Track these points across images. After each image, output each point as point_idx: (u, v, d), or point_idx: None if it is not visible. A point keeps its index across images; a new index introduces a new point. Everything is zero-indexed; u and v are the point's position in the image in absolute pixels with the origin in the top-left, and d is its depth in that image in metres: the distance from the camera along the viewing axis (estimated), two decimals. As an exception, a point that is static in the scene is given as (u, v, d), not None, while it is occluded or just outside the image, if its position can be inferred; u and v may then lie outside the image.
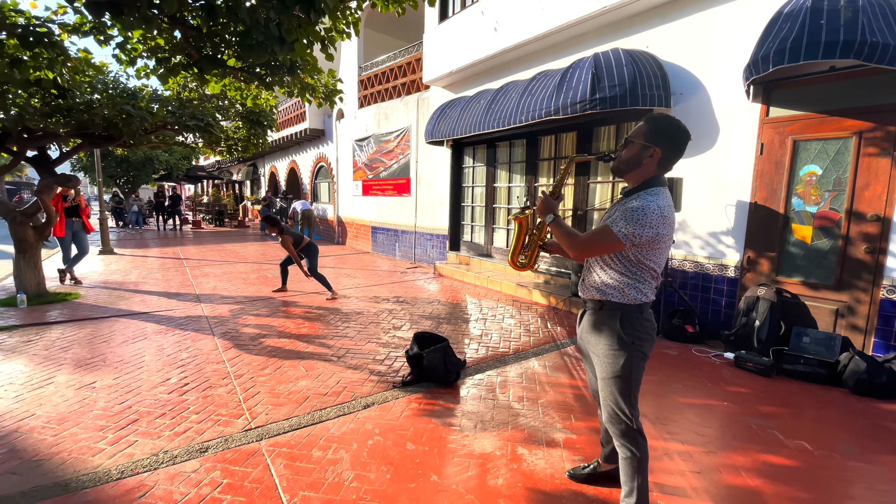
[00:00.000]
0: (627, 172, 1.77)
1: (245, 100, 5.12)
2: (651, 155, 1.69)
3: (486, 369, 3.72)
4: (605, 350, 1.79)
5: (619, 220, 1.65)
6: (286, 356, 3.94)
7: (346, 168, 11.96)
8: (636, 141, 1.72)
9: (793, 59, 3.12)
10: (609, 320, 1.77)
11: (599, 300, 1.81)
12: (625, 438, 1.83)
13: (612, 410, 1.83)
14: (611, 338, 1.77)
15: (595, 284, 1.82)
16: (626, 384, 1.77)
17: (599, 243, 1.72)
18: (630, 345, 1.75)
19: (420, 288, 6.92)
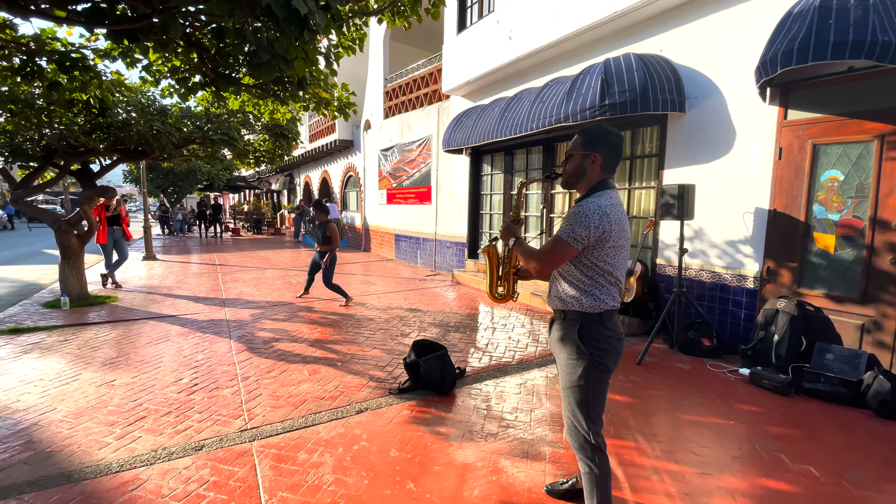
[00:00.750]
0: (576, 183, 1.83)
1: (263, 115, 5.38)
2: (593, 161, 1.75)
3: (486, 379, 3.70)
4: (565, 359, 1.79)
5: (565, 226, 1.69)
6: (293, 360, 4.07)
7: (373, 177, 12.23)
8: (576, 153, 1.79)
9: (801, 60, 2.96)
10: (569, 329, 1.77)
11: (562, 310, 1.81)
12: (582, 452, 1.81)
13: (569, 422, 1.83)
14: (570, 347, 1.77)
15: (557, 294, 1.84)
16: (583, 395, 1.75)
17: (554, 253, 1.72)
18: (588, 355, 1.73)
19: (435, 295, 6.96)
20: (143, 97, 5.70)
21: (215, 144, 5.71)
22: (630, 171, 5.40)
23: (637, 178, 5.35)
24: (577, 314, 1.75)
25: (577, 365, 1.74)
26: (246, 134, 6.57)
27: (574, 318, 1.76)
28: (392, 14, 4.19)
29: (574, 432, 1.81)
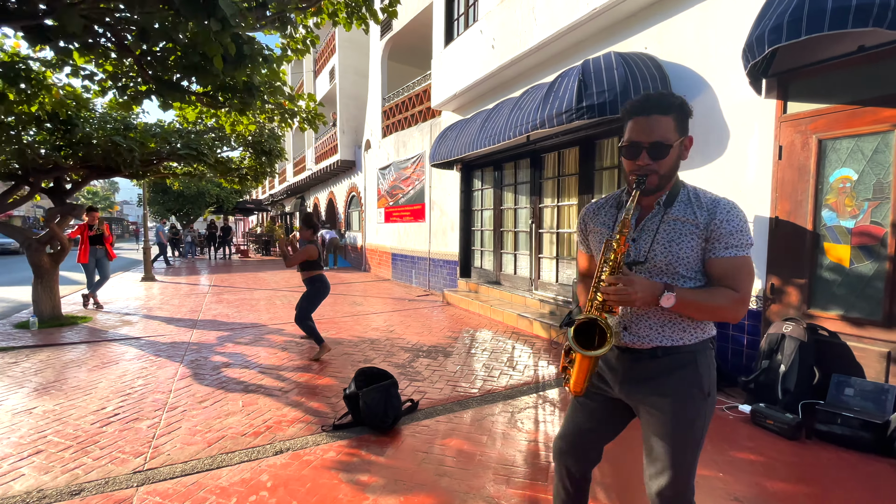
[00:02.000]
0: (668, 183, 1.33)
1: (224, 126, 5.21)
2: (686, 147, 1.32)
3: (440, 413, 3.23)
4: (677, 404, 1.31)
5: (744, 241, 1.26)
6: (234, 388, 3.69)
7: (373, 196, 12.04)
8: (674, 141, 1.27)
9: (792, 35, 2.50)
10: (685, 370, 1.32)
11: (665, 347, 1.33)
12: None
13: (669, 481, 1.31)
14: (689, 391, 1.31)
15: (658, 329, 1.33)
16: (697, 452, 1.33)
17: (751, 281, 1.29)
18: (708, 396, 1.32)
19: (420, 317, 6.52)
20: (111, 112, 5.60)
21: (183, 159, 5.55)
22: (619, 180, 4.93)
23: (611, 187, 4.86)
24: (688, 349, 1.33)
25: (694, 407, 1.31)
26: (224, 151, 6.44)
27: (689, 353, 1.33)
28: (349, 16, 3.95)
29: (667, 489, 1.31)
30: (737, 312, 1.26)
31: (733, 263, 1.26)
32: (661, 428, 1.32)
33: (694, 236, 1.28)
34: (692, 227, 1.28)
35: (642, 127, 1.26)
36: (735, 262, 1.25)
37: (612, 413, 1.48)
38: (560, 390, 3.64)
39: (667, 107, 1.25)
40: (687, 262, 1.29)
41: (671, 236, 1.30)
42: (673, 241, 1.29)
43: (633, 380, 1.38)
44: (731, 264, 1.26)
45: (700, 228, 1.27)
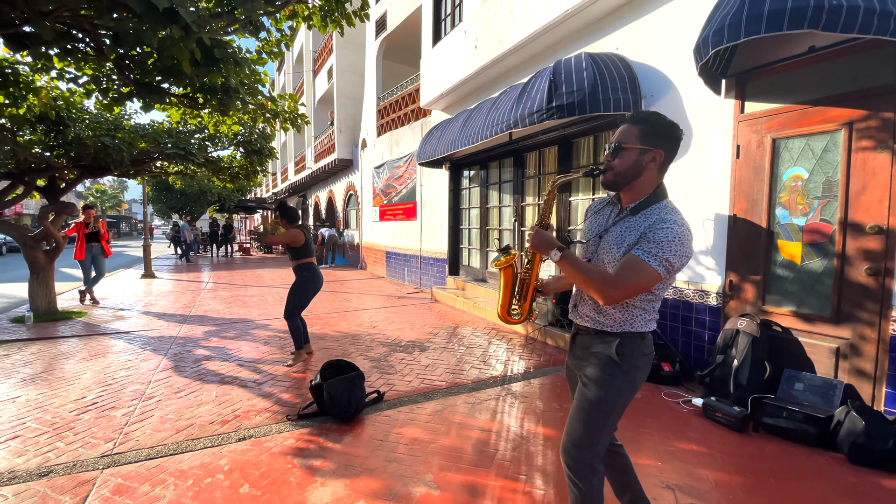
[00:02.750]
0: (626, 185, 1.48)
1: (208, 126, 5.35)
2: (653, 159, 1.45)
3: (404, 404, 3.33)
4: (597, 379, 1.50)
5: (653, 249, 1.36)
6: (211, 380, 3.83)
7: (368, 195, 12.18)
8: (631, 147, 1.44)
9: (732, 37, 2.57)
10: (609, 349, 1.50)
11: (597, 330, 1.53)
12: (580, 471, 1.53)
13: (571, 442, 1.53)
14: (606, 365, 1.50)
15: (594, 312, 1.54)
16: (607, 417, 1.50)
17: (636, 282, 1.37)
18: (624, 373, 1.48)
19: (406, 313, 6.63)
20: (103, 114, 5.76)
21: (171, 159, 5.71)
22: (594, 179, 4.98)
23: (599, 186, 4.92)
24: (621, 337, 1.49)
25: (609, 383, 1.48)
26: (215, 150, 6.59)
27: (619, 339, 1.49)
28: (323, 19, 4.06)
29: (569, 448, 1.53)
30: (601, 291, 1.39)
31: (630, 258, 1.38)
32: (580, 391, 1.54)
33: (630, 245, 1.42)
34: (634, 237, 1.42)
35: (617, 131, 1.50)
36: (632, 259, 1.38)
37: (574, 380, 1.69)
38: (525, 383, 3.73)
39: (637, 118, 1.47)
40: (612, 258, 1.46)
41: (616, 237, 1.47)
42: (614, 242, 1.47)
43: (575, 352, 1.63)
44: (628, 258, 1.39)
45: (638, 237, 1.41)
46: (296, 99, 5.04)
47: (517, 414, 3.14)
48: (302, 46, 18.63)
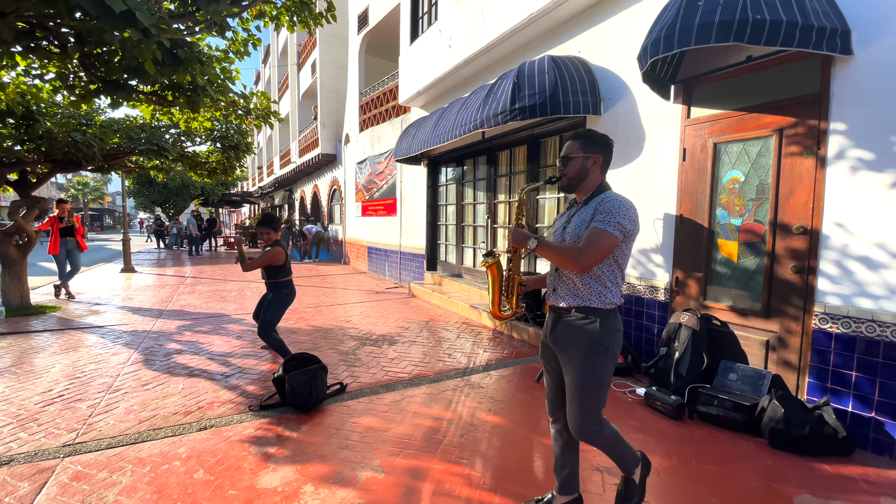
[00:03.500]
0: (578, 185, 1.87)
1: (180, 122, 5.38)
2: (594, 163, 1.84)
3: (365, 395, 3.47)
4: (581, 356, 1.76)
5: (605, 218, 1.70)
6: (179, 373, 3.92)
7: (351, 190, 12.23)
8: (576, 155, 1.85)
9: (667, 48, 2.72)
10: (586, 325, 1.76)
11: (574, 306, 1.80)
12: (598, 437, 1.83)
13: (577, 411, 1.79)
14: (587, 343, 1.75)
15: (571, 291, 1.81)
16: (600, 388, 1.77)
17: (600, 246, 1.67)
18: (606, 349, 1.75)
19: (382, 308, 6.76)
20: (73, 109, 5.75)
21: (145, 154, 5.73)
22: (561, 177, 5.14)
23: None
24: (594, 310, 1.76)
25: (594, 360, 1.74)
26: (192, 145, 6.61)
27: (593, 313, 1.76)
28: (291, 19, 4.13)
29: (578, 417, 1.79)
30: (574, 260, 1.69)
31: (591, 230, 1.71)
32: (571, 371, 1.79)
33: (586, 223, 1.76)
34: (589, 217, 1.76)
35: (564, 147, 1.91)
36: (592, 229, 1.70)
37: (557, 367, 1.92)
38: (485, 374, 3.89)
39: (577, 135, 1.89)
40: (576, 239, 1.78)
41: (576, 223, 1.81)
42: (575, 227, 1.81)
43: (555, 332, 1.87)
44: (590, 230, 1.71)
45: (591, 216, 1.75)
46: (267, 96, 5.11)
47: (470, 403, 3.30)
48: (287, 39, 18.49)
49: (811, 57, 2.76)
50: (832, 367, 2.70)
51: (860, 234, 2.57)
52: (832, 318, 2.70)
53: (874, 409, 2.53)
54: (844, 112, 2.63)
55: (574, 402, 1.78)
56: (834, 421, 2.54)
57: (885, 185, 2.47)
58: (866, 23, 2.52)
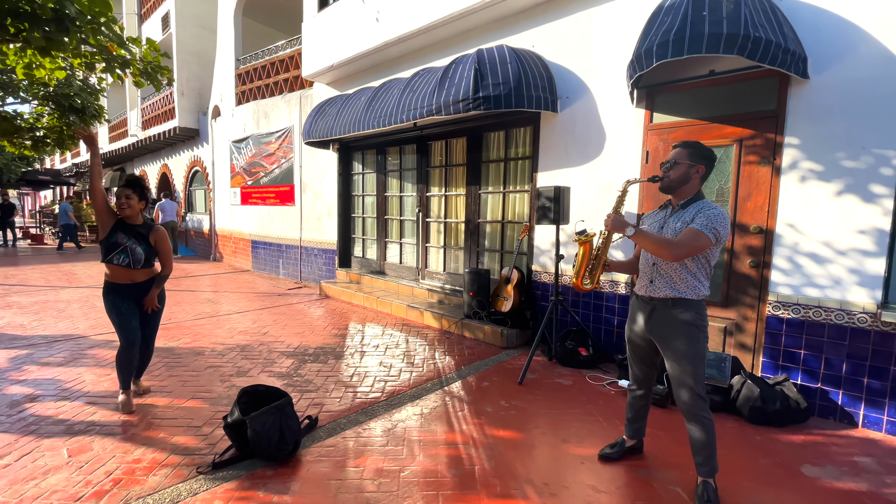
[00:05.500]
0: (678, 189, 2.14)
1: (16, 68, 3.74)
2: (697, 172, 2.10)
3: (346, 427, 2.88)
4: (685, 339, 2.07)
5: (706, 222, 1.98)
6: (52, 431, 2.72)
7: (224, 173, 10.41)
8: (682, 162, 2.10)
9: (676, 52, 2.81)
10: (685, 313, 2.08)
11: (674, 298, 2.10)
12: (699, 411, 2.10)
13: (691, 390, 2.08)
14: (689, 327, 2.07)
15: (668, 284, 2.12)
16: (701, 365, 2.08)
17: (696, 244, 1.97)
18: (701, 331, 2.09)
19: (297, 313, 5.86)
20: None
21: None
22: (504, 173, 5.09)
23: (511, 181, 5.06)
24: (690, 302, 2.08)
25: (697, 340, 2.07)
26: (11, 102, 4.65)
27: (689, 304, 2.08)
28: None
29: (692, 395, 2.09)
30: (668, 249, 1.97)
31: (691, 229, 2.00)
32: (675, 355, 2.10)
33: (687, 224, 2.04)
34: (689, 219, 2.06)
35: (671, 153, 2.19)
36: (692, 229, 1.99)
37: (646, 348, 2.31)
38: (463, 382, 3.61)
39: (685, 144, 2.14)
40: (676, 234, 2.07)
41: (674, 223, 2.11)
42: (672, 227, 2.11)
43: (655, 320, 2.18)
44: (690, 229, 2.00)
45: (691, 218, 2.05)
46: (156, 46, 3.85)
47: (471, 419, 3.00)
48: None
49: (770, 77, 3.14)
50: (783, 348, 3.17)
51: (809, 234, 3.04)
52: (784, 305, 3.16)
53: (820, 381, 3.04)
54: (798, 128, 3.06)
55: (683, 379, 2.08)
56: (795, 394, 2.98)
57: (831, 193, 2.95)
58: (820, 52, 2.94)
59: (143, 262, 3.05)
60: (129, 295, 3.08)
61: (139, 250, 3.02)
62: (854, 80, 2.85)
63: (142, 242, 3.04)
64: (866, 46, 2.80)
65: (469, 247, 5.48)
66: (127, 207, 3.01)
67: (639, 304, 2.30)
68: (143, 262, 3.04)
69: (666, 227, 2.14)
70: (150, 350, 3.27)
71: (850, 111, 2.87)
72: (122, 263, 2.98)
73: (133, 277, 3.05)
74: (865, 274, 2.86)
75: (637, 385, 2.47)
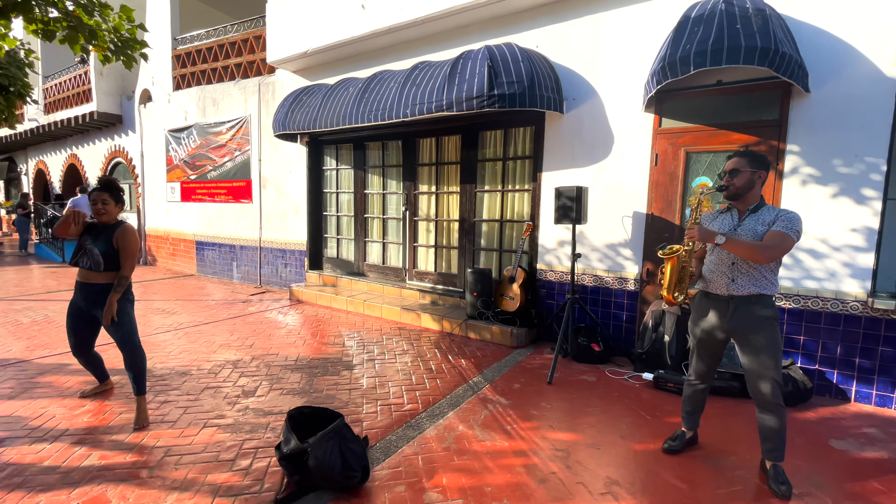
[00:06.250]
0: (743, 195, 2.29)
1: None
2: (760, 178, 2.28)
3: (398, 444, 2.68)
4: (768, 331, 2.23)
5: (790, 226, 2.15)
6: (45, 483, 2.21)
7: (157, 166, 9.25)
8: (744, 170, 2.26)
9: (715, 61, 2.98)
10: (767, 308, 2.25)
11: (758, 294, 2.24)
12: (775, 399, 2.25)
13: (771, 380, 2.23)
14: (770, 321, 2.23)
15: (751, 282, 2.24)
16: (780, 355, 2.25)
17: (786, 246, 2.14)
18: (778, 325, 2.26)
19: (274, 322, 5.38)
20: None
21: None
22: (503, 172, 5.08)
23: (510, 180, 5.06)
24: (768, 297, 2.26)
25: (776, 333, 2.24)
26: None
27: (768, 299, 2.26)
28: None
29: (774, 386, 2.24)
30: (762, 254, 2.12)
31: (777, 233, 2.15)
32: (758, 349, 2.23)
33: (765, 228, 2.20)
34: (768, 221, 2.22)
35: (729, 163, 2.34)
36: (777, 233, 2.15)
37: (719, 344, 2.43)
38: (493, 386, 3.54)
39: (744, 153, 2.31)
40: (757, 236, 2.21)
41: (750, 227, 2.25)
42: (750, 231, 2.24)
43: (738, 317, 2.28)
44: (776, 233, 2.15)
45: (771, 222, 2.20)
46: (131, 15, 3.27)
47: (522, 423, 2.95)
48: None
49: (774, 90, 3.44)
50: (786, 335, 3.51)
51: (808, 232, 3.39)
52: (785, 296, 3.50)
53: (817, 363, 3.42)
54: (799, 137, 3.39)
55: (765, 371, 2.23)
56: (801, 376, 3.32)
57: (828, 196, 3.32)
58: (819, 69, 3.28)
59: (104, 264, 2.82)
60: (83, 296, 2.89)
61: (96, 251, 2.81)
62: (848, 95, 3.22)
63: (102, 243, 2.82)
64: (859, 66, 3.18)
65: (464, 246, 5.40)
66: (104, 213, 2.88)
67: (713, 303, 2.40)
68: (103, 265, 2.82)
69: (742, 231, 2.26)
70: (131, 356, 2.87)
71: (844, 123, 3.24)
72: (85, 266, 2.85)
73: (89, 279, 2.86)
74: (857, 267, 3.25)
75: (700, 379, 2.58)
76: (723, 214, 2.40)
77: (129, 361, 2.86)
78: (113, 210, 2.91)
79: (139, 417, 2.82)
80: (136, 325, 2.97)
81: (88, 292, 2.86)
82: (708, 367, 2.55)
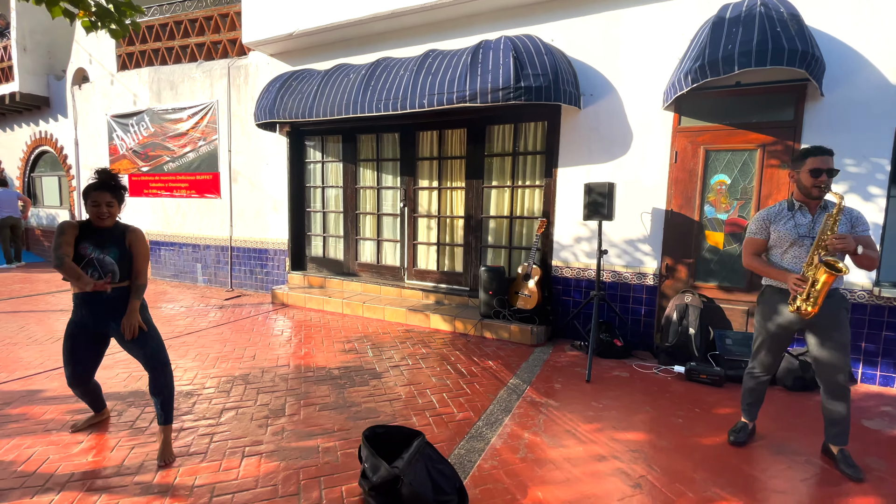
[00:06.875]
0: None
1: None
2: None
3: (472, 458, 2.50)
4: (844, 321, 2.36)
5: (867, 227, 2.37)
6: (70, 549, 1.78)
7: (97, 156, 8.16)
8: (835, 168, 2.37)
9: (760, 62, 3.06)
10: (843, 302, 2.40)
11: (834, 289, 2.32)
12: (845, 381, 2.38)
13: (848, 372, 2.42)
14: (847, 316, 2.40)
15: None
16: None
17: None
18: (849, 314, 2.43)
19: (267, 329, 4.91)
20: None
21: None
22: (513, 168, 4.98)
23: (520, 175, 4.98)
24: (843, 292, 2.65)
25: (848, 321, 2.39)
26: None
27: (840, 294, 2.40)
28: None
29: (847, 376, 2.38)
30: (877, 260, 2.41)
31: (868, 237, 2.31)
32: (837, 342, 2.34)
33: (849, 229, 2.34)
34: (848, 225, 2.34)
35: (824, 161, 2.35)
36: (868, 236, 2.32)
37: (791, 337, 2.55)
38: (534, 387, 3.45)
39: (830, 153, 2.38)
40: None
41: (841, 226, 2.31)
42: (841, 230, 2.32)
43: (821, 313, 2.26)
44: (868, 237, 2.30)
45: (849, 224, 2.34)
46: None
47: (585, 425, 2.88)
48: None
49: (789, 92, 3.63)
50: (799, 323, 3.74)
51: (821, 228, 3.62)
52: (799, 288, 3.72)
53: (830, 348, 3.67)
54: (813, 138, 3.60)
55: (843, 363, 2.35)
56: (819, 362, 3.54)
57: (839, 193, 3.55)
58: (831, 74, 3.49)
59: (120, 274, 2.39)
60: (90, 311, 2.40)
61: (108, 260, 2.37)
62: (857, 100, 3.46)
63: (113, 248, 2.38)
64: (867, 73, 3.42)
65: (470, 243, 5.25)
66: (108, 217, 2.39)
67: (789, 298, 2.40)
68: (119, 275, 2.39)
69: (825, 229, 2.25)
70: (162, 377, 2.46)
71: (853, 125, 3.48)
72: (96, 279, 2.34)
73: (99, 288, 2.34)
74: (865, 259, 3.52)
75: (766, 372, 2.65)
76: (796, 213, 2.44)
77: (158, 384, 2.42)
78: (117, 212, 2.44)
79: (164, 452, 2.40)
80: (162, 339, 2.52)
81: (97, 302, 2.38)
82: (775, 359, 2.62)
